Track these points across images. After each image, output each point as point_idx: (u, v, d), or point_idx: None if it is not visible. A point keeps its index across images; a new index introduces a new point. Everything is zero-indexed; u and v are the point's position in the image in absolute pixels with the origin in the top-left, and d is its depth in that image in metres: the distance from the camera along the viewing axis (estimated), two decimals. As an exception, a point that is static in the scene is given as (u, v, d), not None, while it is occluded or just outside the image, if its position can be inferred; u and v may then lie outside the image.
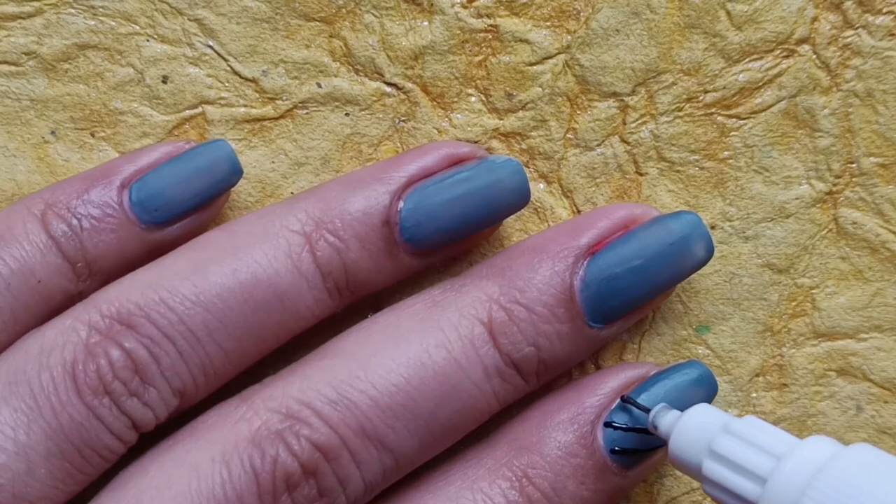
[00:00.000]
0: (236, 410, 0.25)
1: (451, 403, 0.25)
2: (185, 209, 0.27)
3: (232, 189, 0.28)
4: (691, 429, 0.24)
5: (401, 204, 0.27)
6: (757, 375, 0.29)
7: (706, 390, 0.27)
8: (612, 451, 0.26)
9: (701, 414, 0.25)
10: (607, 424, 0.26)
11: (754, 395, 0.29)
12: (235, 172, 0.28)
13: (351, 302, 0.27)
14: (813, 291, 0.29)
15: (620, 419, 0.26)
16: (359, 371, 0.25)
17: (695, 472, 0.24)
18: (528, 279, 0.27)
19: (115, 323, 0.25)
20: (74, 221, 0.27)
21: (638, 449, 0.26)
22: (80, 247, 0.26)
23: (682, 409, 0.26)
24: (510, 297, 0.26)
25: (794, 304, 0.29)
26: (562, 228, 0.28)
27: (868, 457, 0.22)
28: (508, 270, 0.27)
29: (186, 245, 0.27)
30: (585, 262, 0.27)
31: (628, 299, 0.27)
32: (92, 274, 0.27)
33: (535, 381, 0.27)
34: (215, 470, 0.24)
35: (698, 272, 0.29)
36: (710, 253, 0.27)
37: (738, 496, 0.23)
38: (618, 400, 0.27)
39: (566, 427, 0.26)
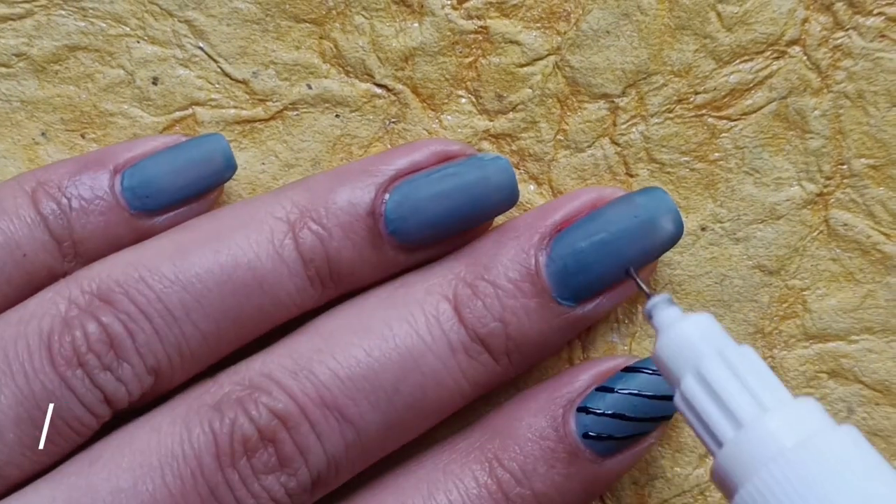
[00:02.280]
0: (202, 386, 0.26)
1: (414, 377, 0.26)
2: (176, 199, 0.27)
3: (223, 189, 0.28)
4: (685, 335, 0.22)
5: (386, 196, 0.27)
6: (748, 378, 0.29)
7: None
8: (585, 436, 0.26)
9: (702, 324, 0.23)
10: (581, 409, 0.26)
11: (746, 397, 0.29)
12: (229, 167, 0.28)
13: (336, 295, 0.27)
14: (804, 293, 0.29)
15: (596, 405, 0.26)
16: (321, 344, 0.26)
17: (672, 379, 0.23)
18: (493, 256, 0.27)
19: (94, 298, 0.25)
20: (64, 201, 0.27)
21: (613, 435, 0.26)
22: (68, 226, 0.27)
23: (659, 398, 0.26)
24: (475, 274, 0.27)
25: (785, 305, 0.29)
26: (532, 212, 0.28)
27: (847, 449, 0.20)
28: (476, 250, 0.27)
29: (172, 229, 0.27)
30: (551, 239, 0.27)
31: (597, 275, 0.27)
32: (77, 255, 0.27)
33: (507, 362, 0.27)
34: (175, 430, 0.25)
35: (689, 274, 0.29)
36: (678, 226, 0.27)
37: (707, 428, 0.22)
38: (593, 387, 0.27)
39: (538, 412, 0.27)
